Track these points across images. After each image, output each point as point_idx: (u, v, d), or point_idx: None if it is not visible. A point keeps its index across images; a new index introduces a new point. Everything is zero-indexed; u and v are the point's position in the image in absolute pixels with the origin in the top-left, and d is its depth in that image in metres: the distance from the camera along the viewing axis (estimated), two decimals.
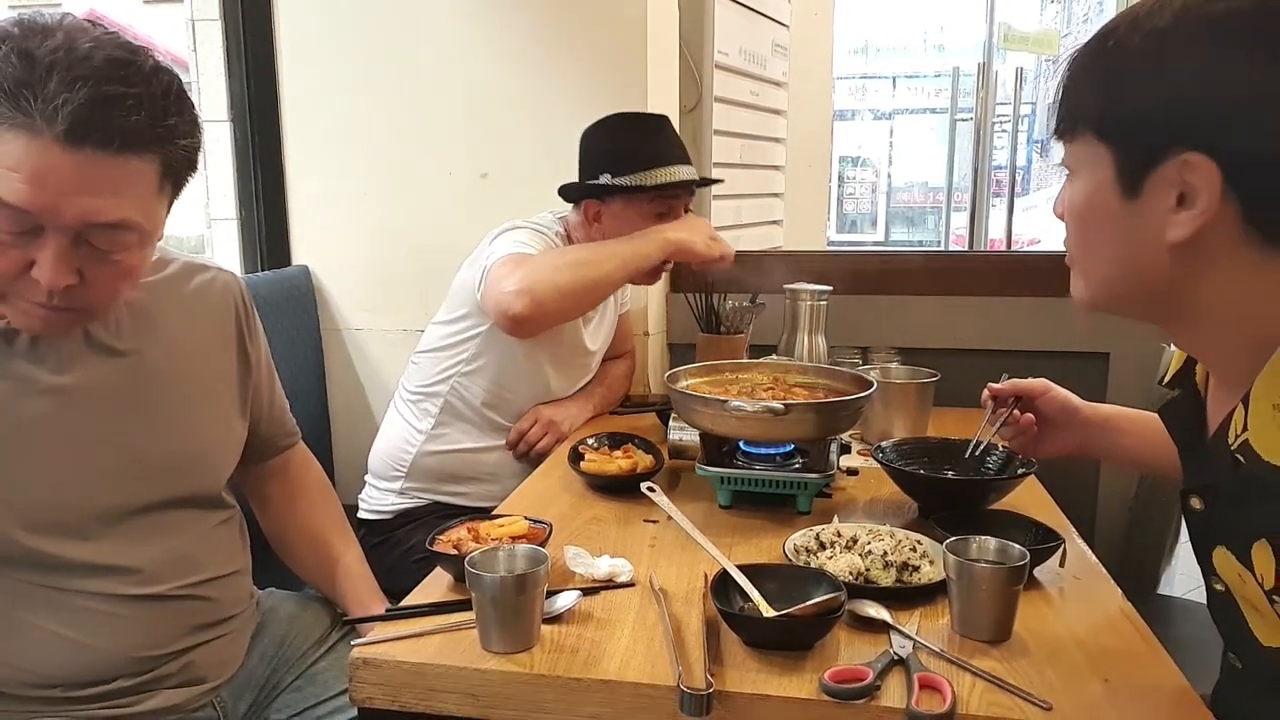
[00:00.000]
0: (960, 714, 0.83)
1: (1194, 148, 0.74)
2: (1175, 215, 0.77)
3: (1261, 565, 0.81)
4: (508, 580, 0.94)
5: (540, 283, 1.51)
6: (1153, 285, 0.83)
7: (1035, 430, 1.28)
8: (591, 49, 2.03)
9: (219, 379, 1.24)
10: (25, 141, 0.89)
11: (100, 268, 0.98)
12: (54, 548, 1.05)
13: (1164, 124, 0.76)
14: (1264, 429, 0.78)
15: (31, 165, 0.90)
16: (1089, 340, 1.93)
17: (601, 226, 1.76)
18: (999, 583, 0.96)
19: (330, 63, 2.17)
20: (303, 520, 1.40)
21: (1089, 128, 0.82)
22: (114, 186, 0.94)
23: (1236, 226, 0.76)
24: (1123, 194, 0.80)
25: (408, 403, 1.86)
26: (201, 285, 1.24)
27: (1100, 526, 1.99)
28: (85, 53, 0.90)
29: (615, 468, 1.45)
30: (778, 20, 3.13)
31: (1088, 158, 0.83)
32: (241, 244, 2.23)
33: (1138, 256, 0.82)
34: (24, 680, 1.06)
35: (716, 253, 1.71)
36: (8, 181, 0.90)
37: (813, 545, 1.16)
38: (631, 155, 1.72)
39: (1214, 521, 0.88)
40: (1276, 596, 0.80)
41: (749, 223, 2.96)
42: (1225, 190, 0.74)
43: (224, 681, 1.19)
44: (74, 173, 0.91)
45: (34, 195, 0.91)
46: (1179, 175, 0.76)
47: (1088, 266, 0.89)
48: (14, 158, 0.90)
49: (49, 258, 0.94)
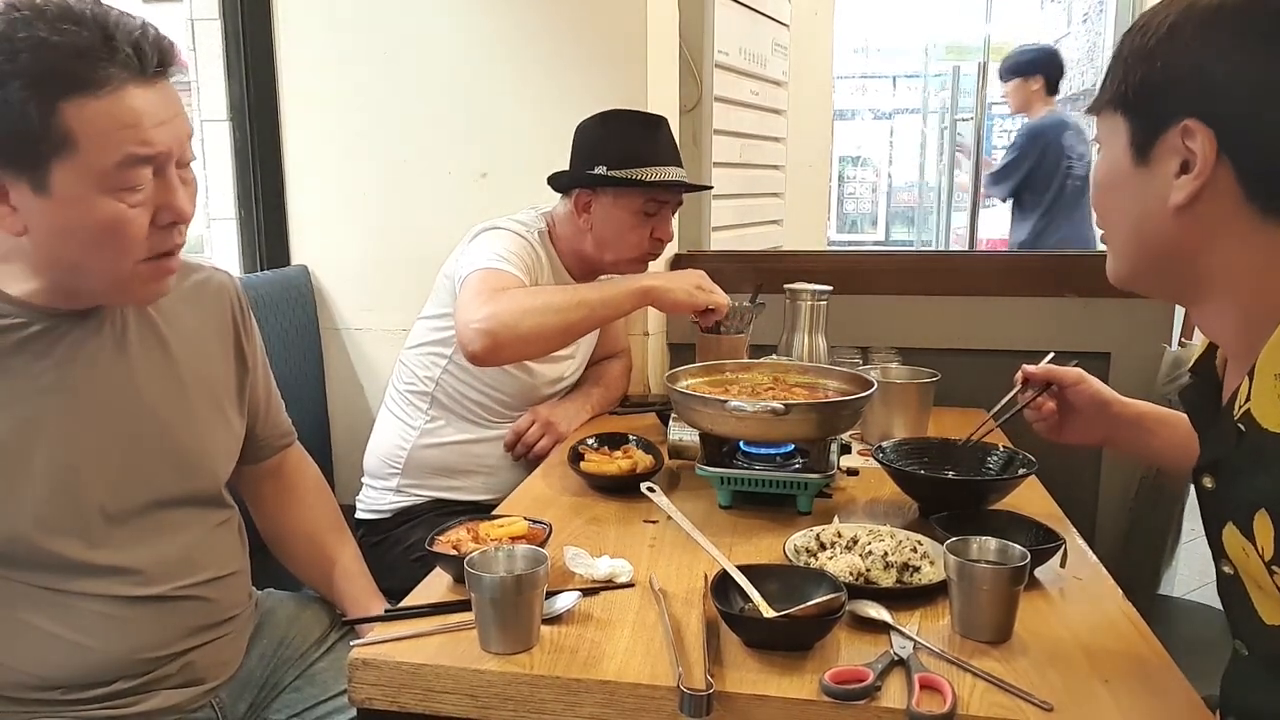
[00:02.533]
0: (961, 715, 0.83)
1: (1193, 115, 0.81)
2: (1178, 181, 0.84)
3: (1262, 536, 0.84)
4: (507, 581, 0.94)
5: (504, 326, 1.51)
6: (1163, 252, 0.88)
7: (1056, 418, 1.29)
8: (591, 48, 2.03)
9: (217, 378, 1.24)
10: (124, 95, 0.95)
11: (188, 191, 1.05)
12: (56, 548, 1.05)
13: (1169, 95, 0.84)
14: (1265, 397, 0.82)
15: (140, 112, 0.96)
16: (1089, 340, 1.93)
17: (589, 217, 1.76)
18: (1000, 583, 0.95)
19: (330, 63, 2.17)
20: (299, 520, 1.40)
21: (1111, 103, 0.90)
22: (178, 103, 1.02)
23: (1234, 196, 0.82)
24: (1135, 161, 0.87)
25: (399, 400, 1.86)
26: (197, 285, 1.24)
27: (1101, 527, 1.99)
28: (97, 5, 0.97)
29: (615, 468, 1.45)
30: (778, 20, 3.13)
31: (1109, 130, 0.91)
32: (241, 244, 2.23)
33: (1146, 223, 0.88)
34: (24, 682, 1.06)
35: (701, 302, 1.63)
36: (136, 136, 0.96)
37: (813, 545, 1.16)
38: (628, 151, 1.72)
39: (1222, 498, 0.90)
40: (1276, 567, 0.82)
41: (749, 222, 2.96)
42: (1220, 156, 0.81)
43: (223, 682, 1.19)
44: (161, 103, 0.99)
45: (161, 135, 0.98)
46: (1181, 142, 0.83)
47: (1112, 238, 0.95)
48: (130, 114, 0.95)
49: (180, 189, 1.02)
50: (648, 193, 1.73)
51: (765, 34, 3.01)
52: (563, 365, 1.87)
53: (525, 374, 1.78)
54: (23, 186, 0.95)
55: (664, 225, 1.79)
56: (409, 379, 1.84)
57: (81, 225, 0.97)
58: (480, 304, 1.54)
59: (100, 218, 0.97)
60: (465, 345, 1.53)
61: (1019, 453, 1.39)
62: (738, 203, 2.86)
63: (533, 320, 1.53)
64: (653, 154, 1.73)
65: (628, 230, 1.75)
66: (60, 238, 0.98)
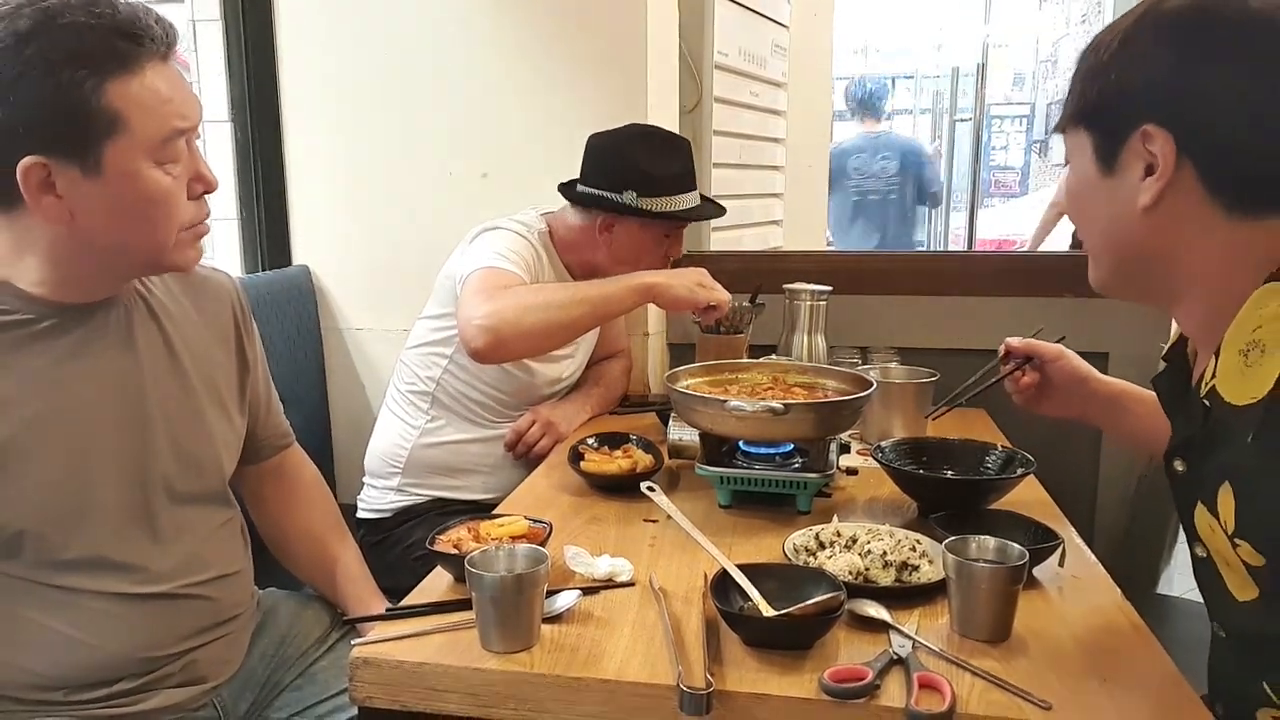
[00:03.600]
0: (960, 713, 0.84)
1: (1151, 120, 0.86)
2: (1143, 183, 0.88)
3: (1224, 508, 0.87)
4: (508, 580, 0.95)
5: (506, 323, 1.51)
6: (1136, 253, 0.93)
7: (1034, 391, 1.33)
8: (591, 49, 2.03)
9: (220, 377, 1.24)
10: (158, 71, 1.00)
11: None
12: (61, 544, 1.05)
13: (1126, 104, 0.88)
14: (1228, 373, 0.87)
15: (171, 88, 1.01)
16: (1089, 340, 1.92)
17: (610, 237, 1.76)
18: (998, 582, 0.96)
19: (330, 63, 2.17)
20: (299, 521, 1.40)
21: (1074, 118, 0.94)
22: (185, 79, 1.06)
23: (1197, 193, 0.86)
24: (1102, 170, 0.92)
25: (400, 400, 1.86)
26: (198, 285, 1.24)
27: (1100, 526, 1.99)
28: None
29: (615, 467, 1.45)
30: (777, 21, 3.13)
31: (1075, 145, 0.95)
32: (242, 244, 2.24)
33: (1119, 227, 0.92)
34: (27, 681, 1.06)
35: (702, 300, 1.63)
36: (176, 110, 1.01)
37: (812, 545, 1.16)
38: (657, 178, 1.72)
39: (1192, 480, 0.93)
40: (1238, 540, 0.86)
41: (749, 223, 2.96)
42: (1180, 157, 0.85)
43: (224, 681, 1.20)
44: (180, 80, 1.04)
45: (191, 106, 1.04)
46: (1142, 146, 0.87)
47: (1090, 246, 0.99)
48: (164, 91, 1.00)
49: (204, 163, 1.07)
50: (676, 222, 1.74)
51: (765, 35, 3.02)
52: (562, 365, 1.87)
53: (525, 374, 1.79)
54: (73, 172, 0.98)
55: (677, 245, 1.84)
56: (410, 379, 1.85)
57: (135, 200, 1.02)
58: (482, 301, 1.54)
59: (152, 190, 1.02)
60: (468, 342, 1.54)
61: (1018, 452, 1.39)
62: (738, 203, 2.86)
63: (535, 316, 1.53)
64: (681, 182, 1.75)
65: (647, 253, 1.77)
66: (111, 216, 1.02)
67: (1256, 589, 0.87)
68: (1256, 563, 0.86)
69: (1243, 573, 0.88)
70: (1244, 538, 0.86)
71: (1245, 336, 0.85)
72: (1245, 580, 0.88)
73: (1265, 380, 0.81)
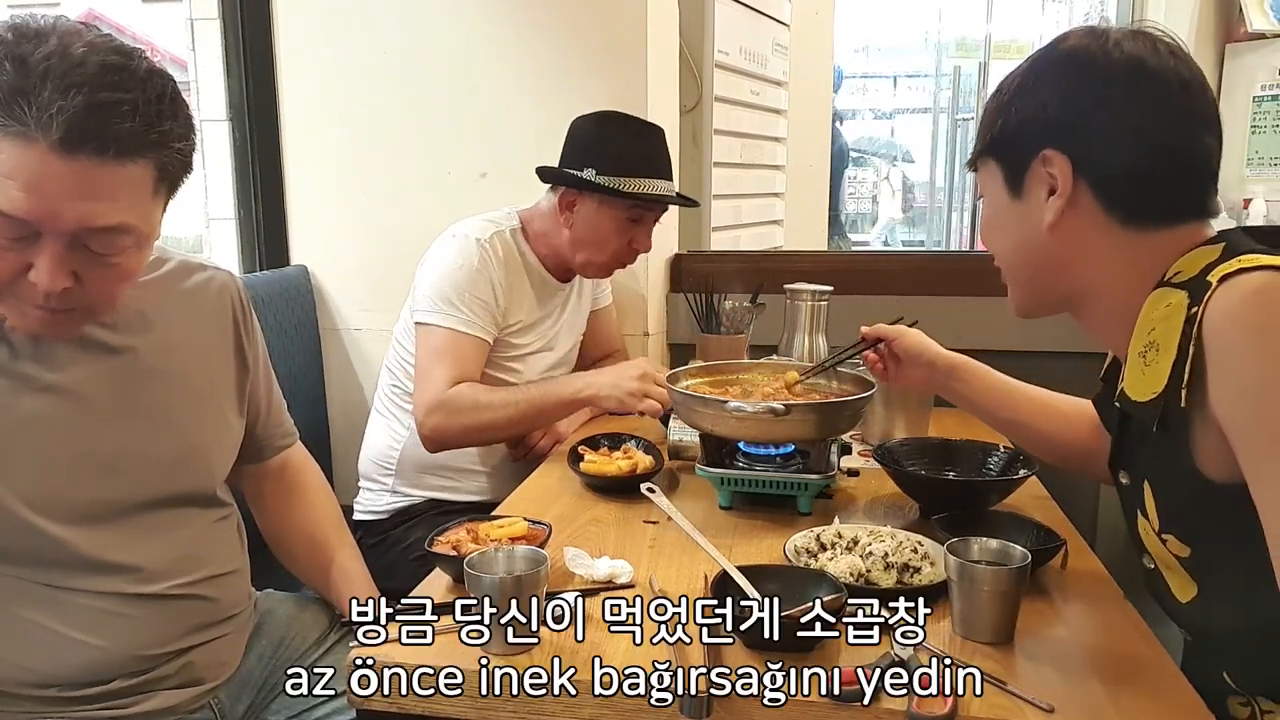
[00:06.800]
0: (961, 716, 0.83)
1: (1049, 146, 0.95)
2: (1047, 203, 0.97)
3: (1150, 507, 0.94)
4: (507, 581, 0.94)
5: (449, 424, 1.63)
6: (1047, 270, 1.01)
7: (882, 367, 1.43)
8: (592, 48, 2.03)
9: (215, 378, 1.23)
10: (21, 149, 0.89)
11: (97, 270, 0.98)
12: (54, 544, 1.04)
13: (1028, 132, 0.98)
14: (1133, 374, 0.94)
15: (27, 173, 0.89)
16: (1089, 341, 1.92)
17: (571, 217, 1.76)
18: (1000, 584, 0.95)
19: (329, 62, 2.16)
20: (300, 521, 1.39)
21: (984, 152, 1.04)
22: (110, 192, 0.94)
23: (1094, 210, 0.96)
24: (1010, 196, 1.01)
25: (387, 401, 1.86)
26: (198, 284, 1.24)
27: (1102, 527, 1.98)
28: (79, 58, 0.89)
29: (615, 468, 1.45)
30: (778, 19, 3.13)
31: (987, 176, 1.04)
32: (240, 243, 2.23)
33: (1029, 247, 1.01)
34: (23, 680, 1.05)
35: (631, 408, 1.62)
36: (3, 190, 0.89)
37: (813, 546, 1.16)
38: (619, 157, 1.71)
39: (1134, 490, 0.99)
40: (1165, 535, 0.92)
41: (749, 222, 2.96)
42: (1077, 176, 0.95)
43: (222, 682, 1.19)
44: (70, 180, 0.90)
45: (30, 203, 0.90)
46: (1044, 169, 0.96)
47: (1006, 270, 1.07)
48: (9, 166, 0.89)
49: (46, 262, 0.94)
50: (632, 203, 1.73)
51: (765, 34, 3.01)
52: (545, 370, 1.86)
53: (512, 378, 1.78)
54: None
55: (644, 237, 1.80)
56: (394, 381, 1.84)
57: None
58: (436, 385, 1.62)
59: None
60: (417, 427, 1.65)
61: (1020, 453, 1.38)
62: (738, 203, 2.86)
63: (483, 417, 1.64)
64: (644, 165, 1.73)
65: (607, 237, 1.76)
66: None
67: (1195, 585, 0.94)
68: (1184, 553, 0.93)
69: (1180, 571, 0.94)
70: (1169, 530, 0.94)
71: (1143, 339, 0.92)
72: (1185, 579, 0.95)
73: (1161, 376, 0.88)
